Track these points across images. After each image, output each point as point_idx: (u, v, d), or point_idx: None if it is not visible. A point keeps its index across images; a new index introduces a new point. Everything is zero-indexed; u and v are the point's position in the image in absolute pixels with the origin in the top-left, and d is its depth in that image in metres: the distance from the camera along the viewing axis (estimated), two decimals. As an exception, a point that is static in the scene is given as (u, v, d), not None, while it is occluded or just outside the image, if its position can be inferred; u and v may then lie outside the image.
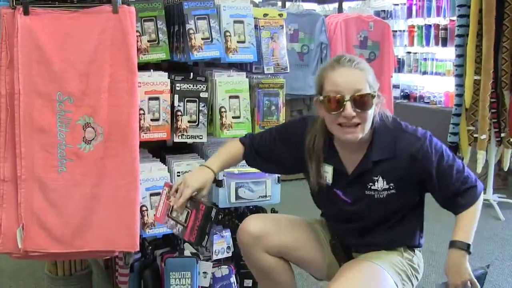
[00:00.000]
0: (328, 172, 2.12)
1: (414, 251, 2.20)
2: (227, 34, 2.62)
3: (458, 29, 4.31)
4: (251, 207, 2.91)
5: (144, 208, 2.53)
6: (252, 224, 2.22)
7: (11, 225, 2.32)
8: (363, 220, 2.14)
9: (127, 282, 2.76)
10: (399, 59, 6.74)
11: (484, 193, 4.57)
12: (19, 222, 2.32)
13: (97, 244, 2.41)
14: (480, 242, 3.85)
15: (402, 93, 6.89)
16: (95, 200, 2.37)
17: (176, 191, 2.13)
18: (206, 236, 2.13)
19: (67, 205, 2.36)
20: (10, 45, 2.25)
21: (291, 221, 2.31)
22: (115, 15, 2.32)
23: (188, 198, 2.10)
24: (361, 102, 1.93)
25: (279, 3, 6.13)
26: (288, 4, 5.48)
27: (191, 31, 2.53)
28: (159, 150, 2.87)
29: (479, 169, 4.29)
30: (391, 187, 2.06)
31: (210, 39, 2.56)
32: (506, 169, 4.38)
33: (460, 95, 4.34)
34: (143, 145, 2.69)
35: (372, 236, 2.15)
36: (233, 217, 2.94)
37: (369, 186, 2.07)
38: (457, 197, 2.05)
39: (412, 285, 2.15)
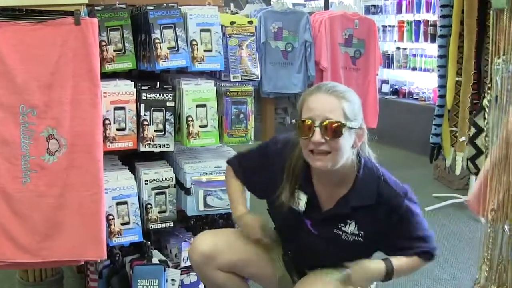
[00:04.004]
0: (302, 199, 2.10)
1: None
2: (194, 43, 2.62)
3: (440, 30, 4.28)
4: (223, 214, 2.92)
5: (110, 217, 2.55)
6: (203, 243, 2.23)
7: (-25, 235, 2.34)
8: (322, 252, 2.14)
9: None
10: (389, 54, 6.71)
11: (466, 194, 4.58)
12: (-15, 233, 2.34)
13: (63, 254, 2.43)
14: (457, 246, 3.85)
15: (391, 89, 6.87)
16: (60, 210, 2.39)
17: None
18: None
19: (33, 215, 2.37)
20: (-28, 58, 2.25)
21: (242, 236, 2.29)
22: (77, 26, 2.33)
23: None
24: (330, 129, 1.89)
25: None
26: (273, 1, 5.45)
27: (156, 41, 2.53)
28: (129, 156, 2.87)
29: (458, 171, 4.27)
30: (360, 235, 2.06)
31: (176, 48, 2.56)
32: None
33: (442, 96, 4.32)
34: (113, 151, 2.70)
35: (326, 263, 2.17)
36: (203, 224, 2.96)
37: (340, 226, 2.07)
38: (409, 251, 2.10)
39: None
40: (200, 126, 2.64)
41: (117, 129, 2.54)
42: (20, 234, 2.37)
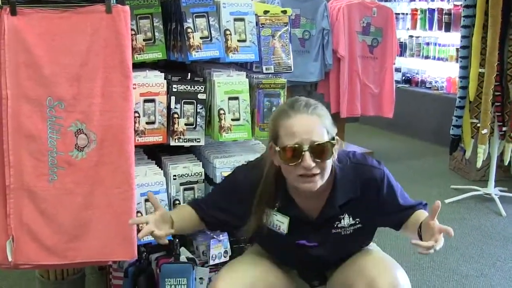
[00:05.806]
0: (283, 222, 2.02)
1: None
2: (227, 32, 2.49)
3: (463, 20, 4.18)
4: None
5: (138, 215, 2.43)
6: (221, 286, 2.04)
7: (-1, 236, 2.22)
8: (329, 258, 2.09)
9: (121, 286, 2.68)
10: (402, 42, 6.60)
11: (486, 186, 4.50)
12: (9, 234, 2.22)
13: (91, 254, 2.31)
14: (481, 241, 3.77)
15: (403, 77, 6.77)
16: (88, 209, 2.27)
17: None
18: None
19: (59, 215, 2.25)
20: (-3, 48, 2.12)
21: (263, 273, 2.13)
22: (108, 15, 2.19)
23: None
24: (320, 152, 1.83)
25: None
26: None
27: (189, 30, 2.41)
28: (154, 149, 2.76)
29: (479, 164, 4.21)
30: (357, 222, 2.02)
31: (209, 38, 2.44)
32: (506, 163, 4.29)
33: (464, 87, 4.23)
34: (140, 145, 2.58)
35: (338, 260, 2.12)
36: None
37: (335, 225, 2.01)
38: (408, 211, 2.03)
39: None
40: (232, 120, 2.52)
41: (147, 123, 2.42)
42: (46, 235, 2.25)
